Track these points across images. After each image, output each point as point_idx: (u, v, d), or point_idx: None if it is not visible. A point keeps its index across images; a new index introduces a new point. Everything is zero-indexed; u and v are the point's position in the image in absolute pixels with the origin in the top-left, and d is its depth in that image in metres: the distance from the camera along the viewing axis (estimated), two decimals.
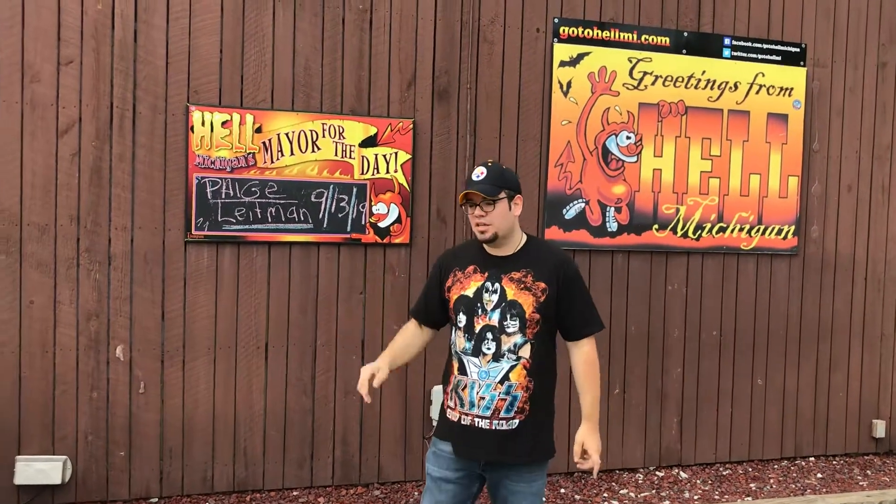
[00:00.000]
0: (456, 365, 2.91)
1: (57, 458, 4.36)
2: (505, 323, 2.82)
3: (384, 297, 4.87)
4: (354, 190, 4.74)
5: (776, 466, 5.60)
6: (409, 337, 3.09)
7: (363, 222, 4.77)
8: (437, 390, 4.91)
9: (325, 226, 4.71)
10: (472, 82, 4.96)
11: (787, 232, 5.61)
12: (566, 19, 5.11)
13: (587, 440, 2.86)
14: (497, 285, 2.85)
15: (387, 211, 4.79)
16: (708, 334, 5.49)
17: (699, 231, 5.41)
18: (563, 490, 5.02)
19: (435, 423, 3.11)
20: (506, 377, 2.82)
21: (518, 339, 2.82)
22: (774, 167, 5.57)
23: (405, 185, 4.83)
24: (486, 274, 2.88)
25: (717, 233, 5.46)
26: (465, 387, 2.87)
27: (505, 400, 2.82)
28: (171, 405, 4.55)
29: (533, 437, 2.85)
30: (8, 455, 4.31)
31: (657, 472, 5.38)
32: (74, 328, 4.38)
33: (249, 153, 4.56)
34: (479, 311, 2.85)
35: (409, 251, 4.89)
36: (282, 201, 4.62)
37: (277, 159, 4.61)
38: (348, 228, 4.75)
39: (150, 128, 4.43)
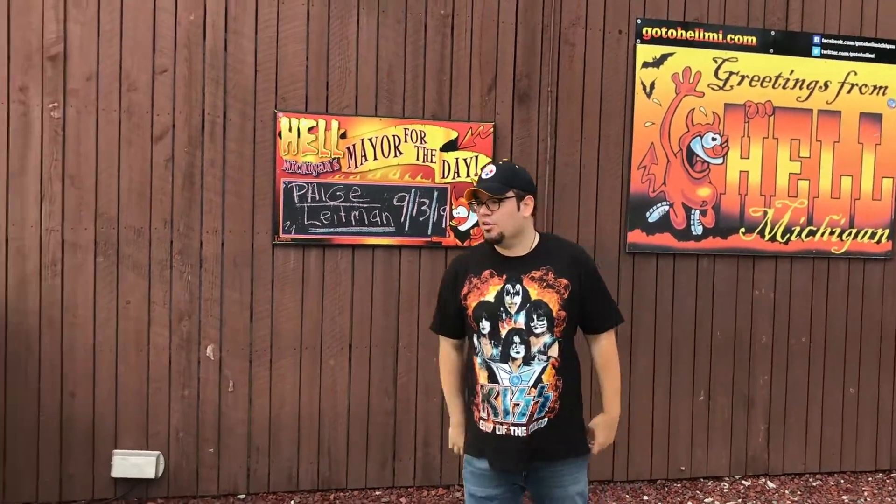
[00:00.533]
0: (484, 373, 2.80)
1: (150, 453, 4.52)
2: (532, 324, 2.75)
3: None
4: (435, 193, 4.78)
5: (870, 479, 5.40)
6: (453, 364, 3.02)
7: (444, 225, 4.81)
8: None
9: (406, 229, 4.76)
10: (553, 85, 4.95)
11: (881, 235, 5.41)
12: (649, 20, 5.05)
13: (599, 429, 2.94)
14: (518, 286, 2.77)
15: (467, 214, 4.82)
16: (797, 340, 5.33)
17: (788, 234, 5.27)
18: (645, 497, 4.95)
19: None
20: (538, 380, 2.75)
21: (547, 338, 2.75)
22: (867, 168, 5.37)
23: None
24: (505, 276, 2.79)
25: (807, 236, 5.30)
26: (498, 395, 2.78)
27: (538, 402, 2.76)
28: (258, 404, 4.67)
29: (565, 435, 2.82)
30: (106, 449, 4.50)
31: (743, 482, 5.25)
32: (167, 328, 4.55)
33: (334, 158, 4.66)
34: (504, 314, 2.76)
35: None
36: (365, 205, 4.70)
37: (361, 164, 4.69)
38: (429, 231, 4.79)
39: (240, 134, 4.57)
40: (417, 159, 4.76)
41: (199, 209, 4.56)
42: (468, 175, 4.81)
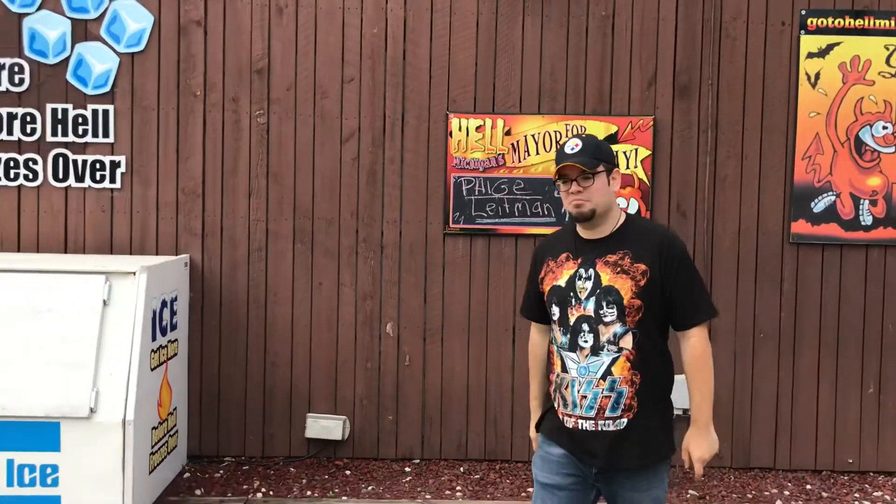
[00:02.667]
0: (557, 362, 2.68)
1: (338, 417, 5.11)
2: (601, 312, 2.56)
3: None
4: None
5: None
6: (536, 348, 2.92)
7: None
8: (677, 379, 5.05)
9: (567, 219, 5.06)
10: (714, 78, 5.06)
11: None
12: (815, 10, 5.04)
13: (691, 445, 2.63)
14: (591, 271, 2.60)
15: (626, 205, 5.04)
16: None
17: None
18: (808, 486, 4.95)
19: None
20: (608, 372, 2.56)
21: (618, 328, 2.55)
22: None
23: (645, 180, 5.05)
24: (580, 260, 2.64)
25: None
26: (567, 385, 2.64)
27: (609, 397, 2.56)
28: (431, 377, 5.15)
29: (645, 439, 2.59)
30: (301, 412, 5.14)
31: None
32: (353, 307, 5.12)
33: (500, 154, 5.04)
34: (573, 300, 2.61)
35: None
36: (527, 197, 5.05)
37: (524, 159, 5.04)
38: None
39: (416, 134, 5.06)
40: None
41: (380, 202, 5.10)
42: (627, 167, 5.03)
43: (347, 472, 5.00)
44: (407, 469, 5.08)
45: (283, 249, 5.10)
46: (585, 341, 2.60)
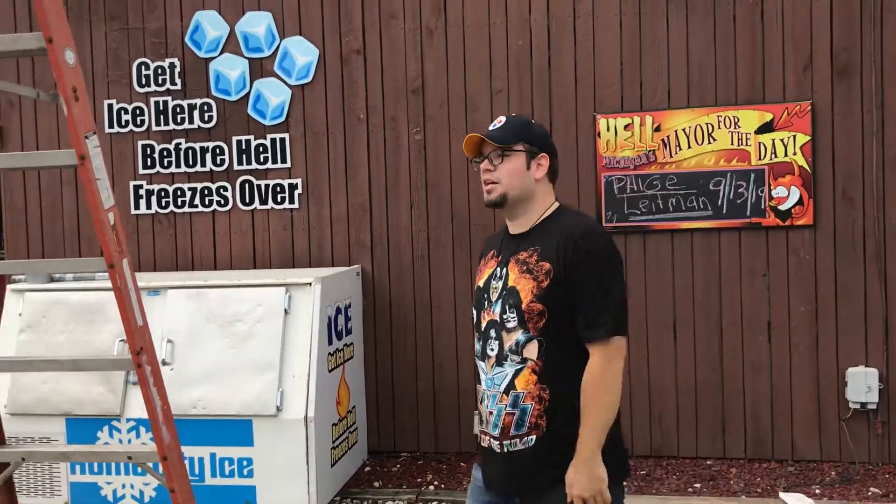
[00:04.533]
0: (479, 373, 2.39)
1: None
2: (505, 316, 2.25)
3: (788, 279, 4.98)
4: (752, 176, 4.94)
5: None
6: None
7: (762, 206, 4.94)
8: (852, 372, 4.85)
9: (724, 212, 4.99)
10: (877, 55, 4.81)
11: None
12: None
13: (569, 480, 2.17)
14: (504, 270, 2.31)
15: (787, 194, 4.90)
16: None
17: None
18: None
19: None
20: (511, 385, 2.23)
21: (520, 335, 2.22)
22: None
23: (805, 166, 4.88)
24: (500, 258, 2.36)
25: None
26: (482, 399, 2.34)
27: (513, 414, 2.23)
28: None
29: (556, 462, 2.19)
30: (468, 410, 5.39)
31: None
32: None
33: (650, 151, 5.06)
34: (486, 303, 2.33)
35: (812, 232, 4.93)
36: (681, 192, 5.03)
37: (675, 154, 5.03)
38: (748, 213, 4.97)
39: (564, 137, 5.19)
40: (732, 144, 4.97)
41: None
42: (786, 155, 4.89)
43: None
44: None
45: (443, 256, 5.40)
46: (492, 349, 2.29)
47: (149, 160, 5.64)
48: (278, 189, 5.55)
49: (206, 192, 5.62)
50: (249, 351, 4.65)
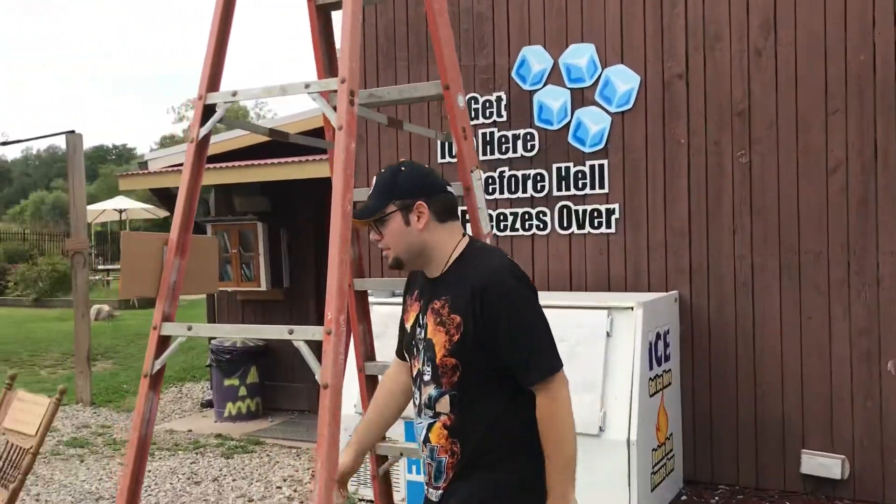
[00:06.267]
0: None
1: (836, 456, 4.98)
2: (423, 369, 2.19)
3: None
4: None
5: None
6: (390, 382, 2.44)
7: None
8: None
9: None
10: None
11: None
12: None
13: None
14: (424, 318, 2.22)
15: None
16: None
17: None
18: None
19: None
20: (426, 438, 2.22)
21: (433, 390, 2.17)
22: None
23: None
24: (421, 301, 2.26)
25: None
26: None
27: (432, 465, 2.22)
28: None
29: None
30: (794, 446, 5.13)
31: None
32: (847, 342, 4.98)
33: None
34: (414, 349, 2.26)
35: None
36: None
37: None
38: None
39: None
40: None
41: (874, 232, 4.91)
42: None
43: None
44: None
45: (768, 284, 5.19)
46: (416, 400, 2.26)
47: None
48: (596, 214, 5.69)
49: (526, 216, 5.92)
50: (572, 371, 4.76)
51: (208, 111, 2.34)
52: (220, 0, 2.43)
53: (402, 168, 2.23)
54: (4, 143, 9.86)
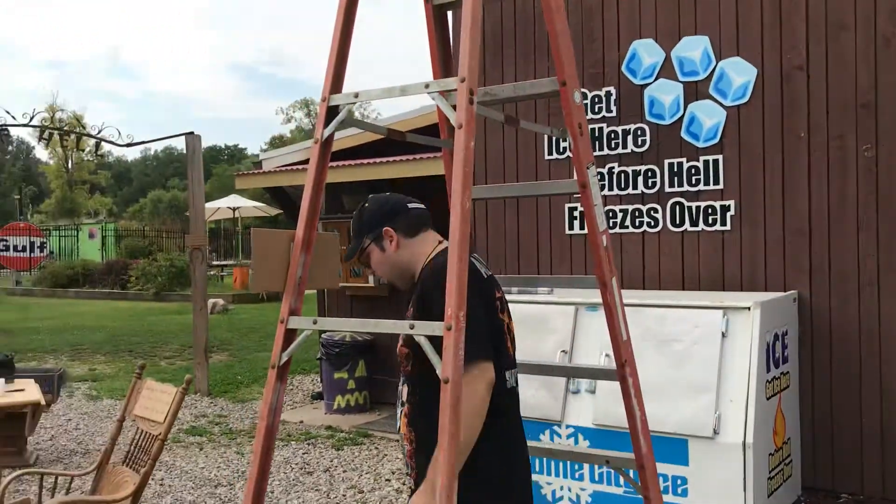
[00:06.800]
0: None
1: None
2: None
3: None
4: None
5: None
6: None
7: None
8: None
9: None
10: None
11: None
12: None
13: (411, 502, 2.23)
14: None
15: None
16: None
17: None
18: None
19: None
20: (399, 428, 2.45)
21: (402, 379, 2.43)
22: None
23: None
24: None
25: None
26: None
27: (404, 454, 2.44)
28: None
29: None
30: None
31: None
32: None
33: None
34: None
35: None
36: None
37: None
38: None
39: None
40: None
41: None
42: None
43: None
44: None
45: (894, 283, 4.94)
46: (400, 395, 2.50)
47: None
48: (710, 211, 5.54)
49: (636, 213, 5.82)
50: (685, 371, 4.70)
51: (332, 112, 2.41)
52: (342, 4, 2.49)
53: (366, 205, 2.53)
54: (130, 145, 10.37)
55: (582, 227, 6.00)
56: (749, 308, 4.62)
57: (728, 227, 5.46)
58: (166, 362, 11.22)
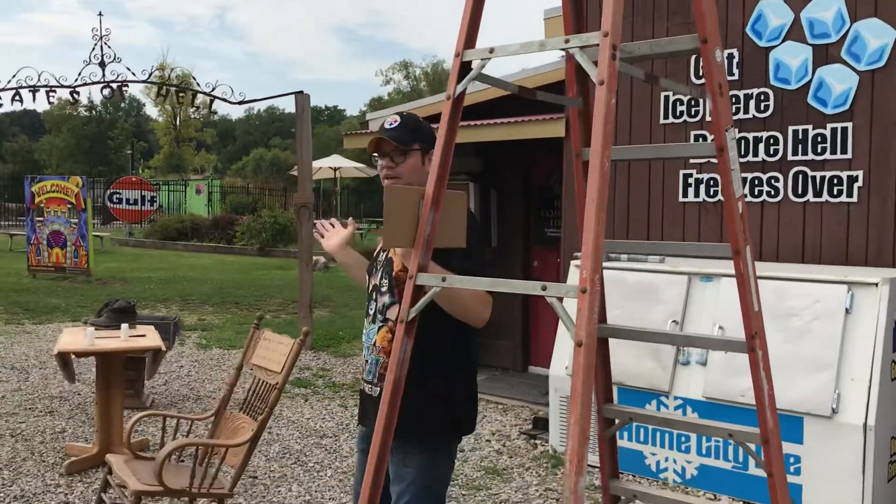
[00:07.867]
0: None
1: None
2: (381, 282, 2.71)
3: None
4: None
5: None
6: None
7: None
8: None
9: None
10: None
11: None
12: None
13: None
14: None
15: None
16: None
17: None
18: None
19: None
20: (374, 342, 2.71)
21: (387, 299, 2.68)
22: None
23: None
24: None
25: None
26: (364, 351, 2.82)
27: (368, 363, 2.73)
28: None
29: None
30: None
31: None
32: None
33: None
34: (373, 269, 2.81)
35: None
36: None
37: None
38: None
39: None
40: None
41: None
42: None
43: None
44: None
45: None
46: (370, 309, 2.75)
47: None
48: (835, 181, 5.27)
49: (755, 182, 5.60)
50: (803, 347, 4.53)
51: (465, 68, 2.38)
52: None
53: (421, 118, 2.76)
54: (242, 102, 10.64)
55: (696, 195, 5.82)
56: (877, 284, 4.41)
57: (855, 199, 5.19)
58: (271, 314, 11.57)
